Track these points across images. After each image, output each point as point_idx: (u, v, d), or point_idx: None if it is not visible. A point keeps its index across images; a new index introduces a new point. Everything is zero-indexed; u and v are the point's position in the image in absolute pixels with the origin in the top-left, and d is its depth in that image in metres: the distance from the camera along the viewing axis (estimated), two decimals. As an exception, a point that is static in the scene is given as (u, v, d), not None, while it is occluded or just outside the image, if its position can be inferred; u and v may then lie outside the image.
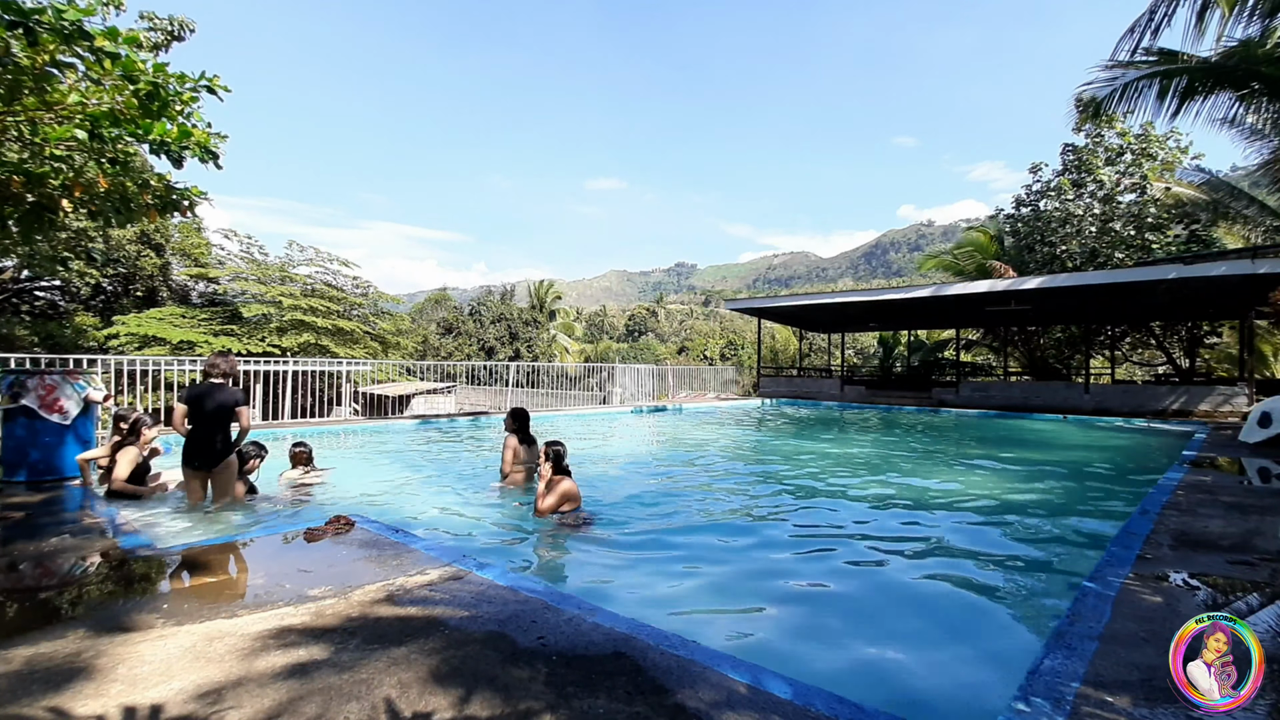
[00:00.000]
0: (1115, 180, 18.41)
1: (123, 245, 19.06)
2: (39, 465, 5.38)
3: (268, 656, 2.16)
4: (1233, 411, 13.91)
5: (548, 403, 17.78)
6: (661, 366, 22.86)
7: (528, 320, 38.69)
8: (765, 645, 2.93)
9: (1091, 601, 2.77)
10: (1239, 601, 2.87)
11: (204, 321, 18.33)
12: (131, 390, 10.81)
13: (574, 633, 2.37)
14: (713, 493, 6.48)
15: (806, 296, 23.16)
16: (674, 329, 74.12)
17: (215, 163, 4.47)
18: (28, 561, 3.32)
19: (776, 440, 11.28)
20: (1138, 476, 7.38)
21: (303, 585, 2.89)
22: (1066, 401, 15.92)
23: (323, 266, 21.56)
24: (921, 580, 3.78)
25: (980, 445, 10.74)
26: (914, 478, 7.25)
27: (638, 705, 1.86)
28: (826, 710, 1.85)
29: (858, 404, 18.84)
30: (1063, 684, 2.04)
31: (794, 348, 31.82)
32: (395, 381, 20.79)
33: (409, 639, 2.31)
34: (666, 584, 3.69)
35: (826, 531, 4.93)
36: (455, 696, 1.90)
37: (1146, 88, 9.56)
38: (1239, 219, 16.49)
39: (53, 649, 2.22)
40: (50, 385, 5.47)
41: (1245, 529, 4.08)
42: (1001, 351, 25.12)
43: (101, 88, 4.04)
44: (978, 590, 3.62)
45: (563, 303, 47.47)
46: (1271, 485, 6.09)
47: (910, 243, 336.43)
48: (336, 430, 10.27)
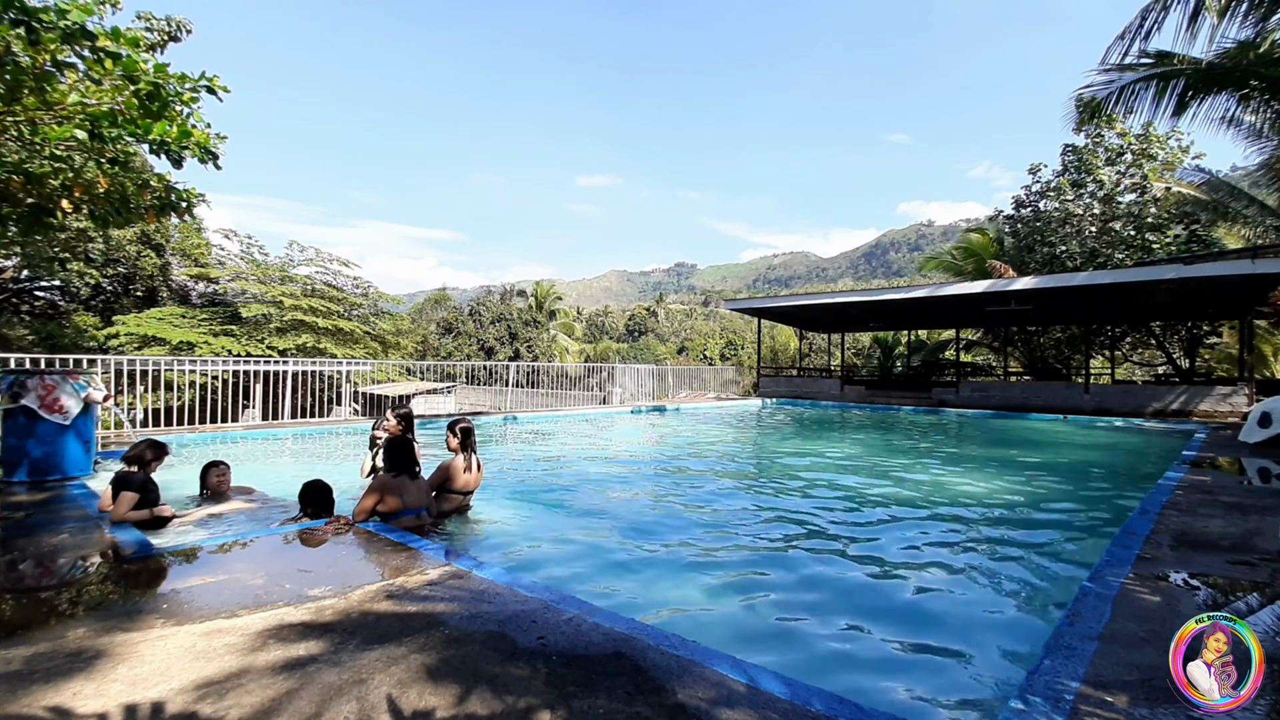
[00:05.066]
0: (1115, 180, 18.41)
1: (123, 245, 19.06)
2: (39, 465, 5.38)
3: (267, 656, 2.16)
4: (1233, 411, 13.91)
5: (548, 403, 17.78)
6: (661, 366, 22.86)
7: (528, 320, 38.70)
8: (765, 645, 2.93)
9: (1091, 601, 2.77)
10: (1239, 601, 2.87)
11: (204, 322, 18.33)
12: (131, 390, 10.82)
13: (574, 633, 2.37)
14: (712, 493, 6.48)
15: (806, 296, 23.18)
16: (674, 329, 74.15)
17: (215, 163, 4.47)
18: (28, 561, 3.32)
19: (776, 440, 11.28)
20: (1138, 476, 7.38)
21: (302, 585, 2.89)
22: (1066, 401, 15.92)
23: (323, 266, 21.57)
24: (921, 580, 3.78)
25: (980, 445, 10.75)
26: (914, 478, 7.25)
27: (638, 705, 1.86)
28: (826, 710, 1.85)
29: (858, 404, 18.83)
30: (1062, 684, 2.04)
31: (794, 348, 31.82)
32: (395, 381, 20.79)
33: (408, 638, 2.31)
34: (666, 584, 3.69)
35: (826, 531, 4.93)
36: (455, 696, 1.90)
37: (1144, 89, 9.56)
38: (1239, 219, 16.50)
39: (53, 649, 2.22)
40: (50, 385, 5.47)
41: (1245, 529, 4.08)
42: (1001, 351, 25.13)
43: (102, 88, 4.04)
44: (977, 590, 3.63)
45: (563, 303, 47.47)
46: (1271, 485, 6.09)
47: (910, 243, 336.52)
48: (336, 430, 10.27)
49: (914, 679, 2.63)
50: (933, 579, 3.79)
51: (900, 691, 2.53)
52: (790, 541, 4.65)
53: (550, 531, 4.76)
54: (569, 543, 4.47)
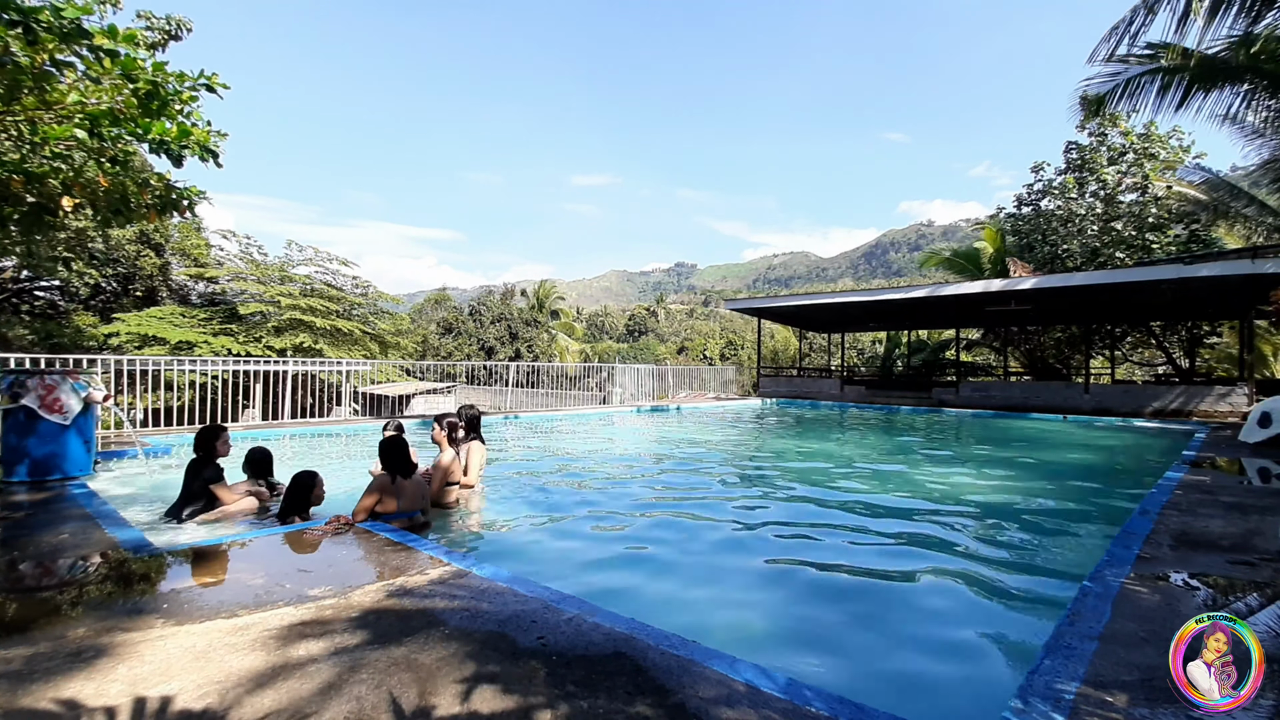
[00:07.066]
0: (1117, 180, 18.40)
1: (122, 245, 19.06)
2: (39, 465, 5.37)
3: (268, 655, 2.16)
4: (1233, 411, 13.90)
5: (548, 402, 17.79)
6: (661, 366, 22.85)
7: (528, 320, 38.71)
8: (765, 644, 2.93)
9: (1091, 601, 2.77)
10: (1239, 601, 2.87)
11: (203, 321, 18.34)
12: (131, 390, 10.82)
13: (574, 632, 2.37)
14: (712, 492, 6.48)
15: (806, 296, 23.17)
16: (674, 329, 74.11)
17: (215, 161, 4.47)
18: (28, 561, 3.31)
19: (776, 440, 11.28)
20: (1138, 476, 7.38)
21: (303, 585, 2.89)
22: (1067, 401, 15.92)
23: (322, 266, 21.55)
24: (921, 580, 3.78)
25: (980, 445, 10.75)
26: (913, 477, 7.25)
27: (638, 705, 1.86)
28: (826, 710, 1.85)
29: (858, 404, 18.83)
30: (1062, 684, 2.04)
31: (794, 348, 31.82)
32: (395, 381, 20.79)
33: (409, 638, 2.31)
34: (666, 584, 3.69)
35: (825, 531, 4.93)
36: (455, 696, 1.90)
37: (1149, 83, 9.56)
38: (1239, 219, 16.50)
39: (53, 648, 2.21)
40: (50, 385, 5.47)
41: (1245, 529, 4.08)
42: (1002, 351, 25.13)
43: (101, 87, 4.04)
44: (977, 590, 3.62)
45: (563, 303, 47.48)
46: (1271, 485, 6.09)
47: (910, 243, 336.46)
48: (336, 430, 10.27)
49: (914, 678, 2.63)
50: (932, 578, 3.79)
51: (900, 691, 2.53)
52: (790, 541, 4.65)
53: (550, 531, 4.76)
54: (569, 542, 4.47)
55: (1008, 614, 3.39)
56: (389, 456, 4.32)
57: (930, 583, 3.74)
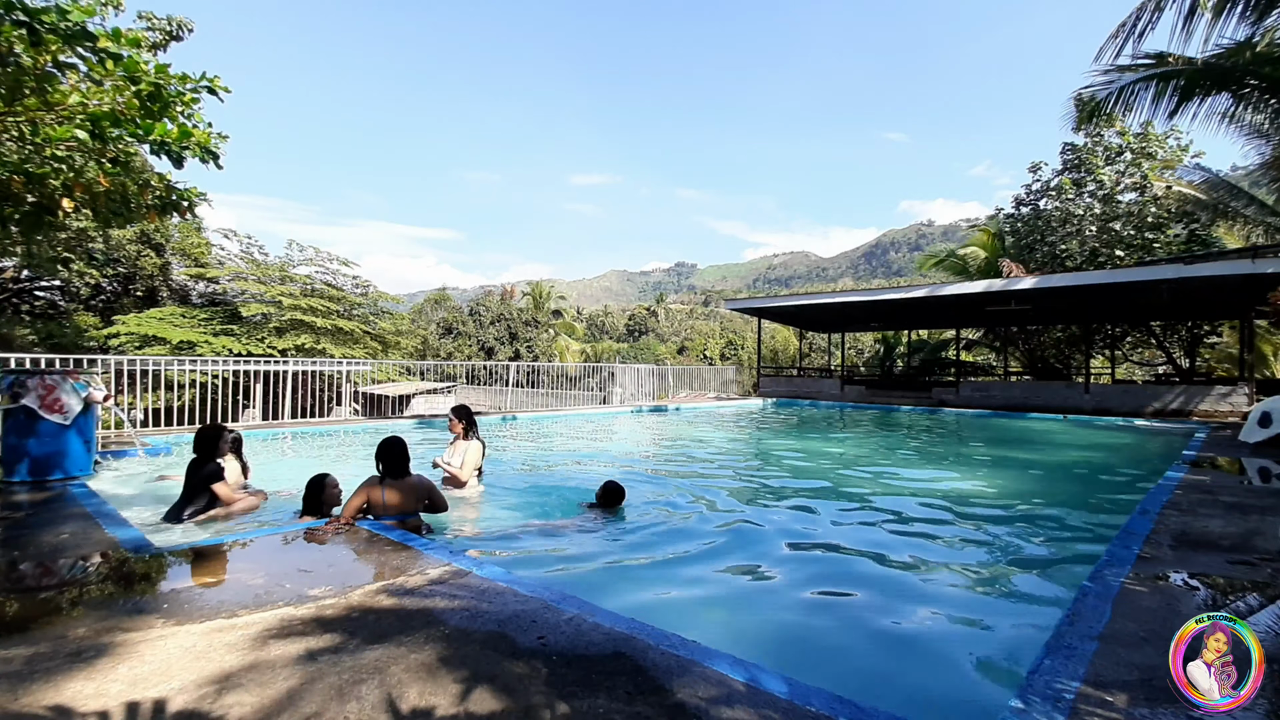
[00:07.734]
0: (1115, 180, 18.39)
1: (123, 245, 19.07)
2: (40, 465, 5.38)
3: (268, 655, 2.16)
4: (1233, 411, 13.90)
5: (548, 403, 17.79)
6: (661, 366, 22.86)
7: (528, 320, 38.71)
8: (765, 644, 2.93)
9: (1091, 601, 2.77)
10: (1239, 601, 2.87)
11: (204, 321, 18.34)
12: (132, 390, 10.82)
13: (574, 632, 2.37)
14: (712, 492, 6.48)
15: (806, 296, 23.18)
16: (674, 329, 74.09)
17: (216, 163, 4.48)
18: (27, 561, 3.32)
19: (776, 440, 11.28)
20: (1137, 476, 7.37)
21: (303, 584, 2.89)
22: (1067, 401, 15.92)
23: (322, 266, 21.56)
24: (920, 580, 3.78)
25: (980, 445, 10.75)
26: (913, 477, 7.25)
27: (638, 705, 1.86)
28: (826, 709, 1.85)
29: (858, 404, 18.83)
30: (1062, 684, 2.04)
31: (794, 348, 31.82)
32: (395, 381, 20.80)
33: (409, 638, 2.31)
34: (666, 584, 3.69)
35: (825, 531, 4.93)
36: (455, 696, 1.91)
37: (1144, 89, 9.55)
38: (1239, 218, 16.50)
39: (53, 648, 2.22)
40: (50, 385, 5.47)
41: (1245, 529, 4.08)
42: (1002, 351, 25.12)
43: (103, 88, 4.05)
44: (977, 590, 3.63)
45: (564, 303, 47.47)
46: (1271, 485, 6.09)
47: (910, 242, 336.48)
48: (336, 430, 10.27)
49: (914, 678, 2.63)
50: (933, 578, 3.79)
51: (900, 691, 2.53)
52: (790, 540, 4.64)
53: (551, 531, 4.76)
54: (569, 542, 4.47)
55: (1008, 614, 3.39)
56: (382, 456, 4.34)
57: (930, 582, 3.74)
